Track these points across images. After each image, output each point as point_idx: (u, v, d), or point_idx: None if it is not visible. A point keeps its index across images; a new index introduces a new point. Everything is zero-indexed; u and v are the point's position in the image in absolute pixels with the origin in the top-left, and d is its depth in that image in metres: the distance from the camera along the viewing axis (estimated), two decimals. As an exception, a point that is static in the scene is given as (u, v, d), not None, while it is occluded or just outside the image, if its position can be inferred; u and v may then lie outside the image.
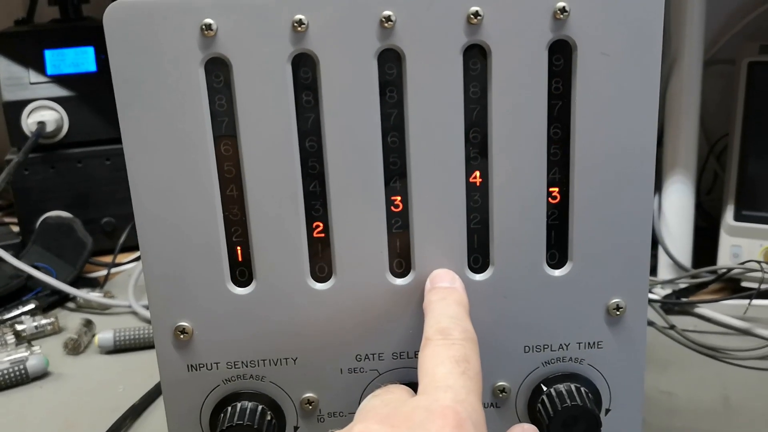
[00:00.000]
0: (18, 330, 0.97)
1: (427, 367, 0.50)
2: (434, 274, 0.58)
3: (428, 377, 0.49)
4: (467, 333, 0.52)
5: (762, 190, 1.03)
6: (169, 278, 0.58)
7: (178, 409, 0.61)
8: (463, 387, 0.47)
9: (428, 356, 0.50)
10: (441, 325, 0.52)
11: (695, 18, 0.98)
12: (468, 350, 0.50)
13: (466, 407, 0.46)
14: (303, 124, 0.56)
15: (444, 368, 0.49)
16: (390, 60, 0.55)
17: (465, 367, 0.49)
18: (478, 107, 0.56)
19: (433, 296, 0.56)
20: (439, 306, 0.55)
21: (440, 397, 0.46)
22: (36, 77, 1.21)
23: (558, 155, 0.57)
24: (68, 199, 1.23)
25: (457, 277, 0.58)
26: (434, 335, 0.52)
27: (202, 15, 0.53)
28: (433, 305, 0.55)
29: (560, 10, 0.53)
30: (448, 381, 0.48)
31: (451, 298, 0.56)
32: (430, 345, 0.51)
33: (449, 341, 0.51)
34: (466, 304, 0.56)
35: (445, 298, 0.56)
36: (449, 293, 0.56)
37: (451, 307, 0.55)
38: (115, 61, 0.54)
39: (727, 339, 0.92)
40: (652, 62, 0.55)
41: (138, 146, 0.55)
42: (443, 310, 0.54)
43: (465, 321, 0.53)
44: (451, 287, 0.57)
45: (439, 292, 0.57)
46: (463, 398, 0.46)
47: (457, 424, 0.44)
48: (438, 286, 0.57)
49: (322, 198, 0.57)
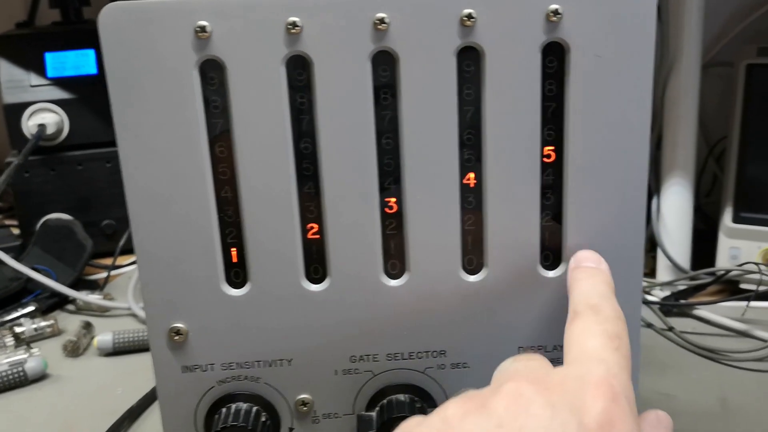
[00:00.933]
0: (17, 332, 0.97)
1: (576, 340, 0.49)
2: (580, 254, 0.58)
3: (577, 349, 0.48)
4: (618, 312, 0.51)
5: (760, 192, 1.03)
6: (164, 279, 0.58)
7: (173, 411, 0.61)
8: (616, 363, 0.46)
9: (578, 330, 0.50)
10: (592, 301, 0.52)
11: (693, 21, 0.98)
12: (620, 328, 0.49)
13: (620, 381, 0.45)
14: (297, 126, 0.56)
15: (596, 342, 0.48)
16: (384, 62, 0.55)
17: (618, 343, 0.48)
18: (472, 109, 0.56)
19: (580, 274, 0.56)
20: (587, 283, 0.55)
21: (594, 369, 0.45)
22: (37, 80, 1.21)
23: (551, 157, 0.58)
24: (69, 202, 1.23)
25: (602, 259, 0.57)
26: (585, 310, 0.51)
27: (197, 17, 0.53)
28: (580, 282, 0.55)
29: (553, 12, 0.53)
30: (602, 354, 0.47)
31: (599, 278, 0.55)
32: (580, 318, 0.51)
33: (601, 317, 0.50)
34: (613, 287, 0.55)
35: (593, 276, 0.55)
36: (597, 273, 0.56)
37: (600, 285, 0.54)
38: (110, 64, 0.54)
39: (726, 341, 0.92)
40: (645, 64, 0.55)
41: (133, 148, 0.55)
42: (593, 287, 0.54)
43: (614, 301, 0.52)
44: (597, 268, 0.57)
45: (586, 270, 0.56)
46: (616, 372, 0.45)
47: (613, 397, 0.43)
48: (584, 265, 0.57)
49: (317, 199, 0.58)
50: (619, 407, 0.43)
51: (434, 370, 0.61)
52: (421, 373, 0.61)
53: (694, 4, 0.98)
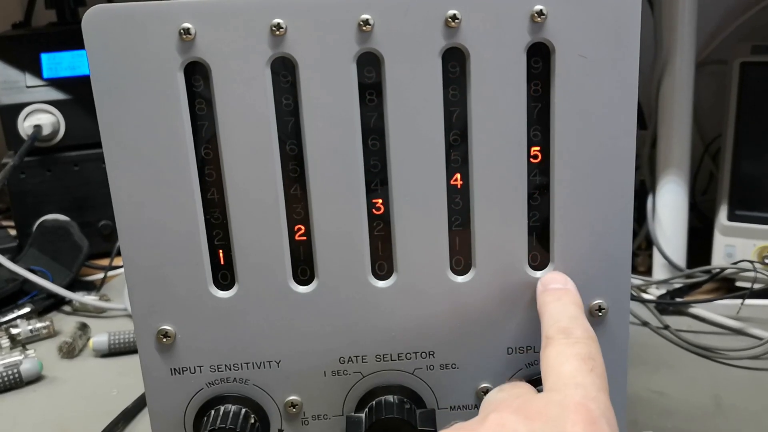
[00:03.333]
0: (13, 333, 0.97)
1: (552, 366, 0.50)
2: (546, 278, 0.59)
3: (554, 375, 0.49)
4: (588, 332, 0.52)
5: (755, 190, 1.03)
6: (152, 282, 0.58)
7: (162, 413, 0.61)
8: (593, 384, 0.48)
9: (552, 355, 0.51)
10: (561, 324, 0.53)
11: (687, 18, 0.98)
12: (592, 348, 0.51)
13: (598, 404, 0.46)
14: (283, 127, 0.56)
15: (570, 366, 0.49)
16: (369, 63, 0.55)
17: (592, 364, 0.49)
18: (458, 110, 0.56)
19: (548, 297, 0.57)
20: (556, 306, 0.55)
21: (571, 393, 0.47)
22: (32, 80, 1.21)
23: (538, 157, 0.57)
24: (65, 203, 1.23)
25: (569, 279, 0.58)
26: (556, 334, 0.52)
27: (180, 19, 0.53)
28: (549, 306, 0.56)
29: (537, 13, 0.53)
30: (577, 379, 0.48)
31: (567, 299, 0.56)
32: (553, 344, 0.52)
33: (572, 340, 0.51)
34: (581, 305, 0.56)
35: (560, 299, 0.56)
36: (564, 294, 0.57)
37: (568, 307, 0.55)
38: (94, 66, 0.54)
39: (721, 339, 0.92)
40: (630, 64, 0.55)
41: (118, 150, 0.55)
42: (561, 310, 0.55)
43: (584, 321, 0.54)
44: (564, 288, 0.57)
45: (553, 293, 0.57)
46: (594, 395, 0.47)
47: (591, 420, 0.45)
48: (551, 287, 0.58)
49: (304, 201, 0.57)
50: (599, 430, 0.45)
51: (423, 371, 0.61)
52: (410, 374, 0.61)
53: (687, 2, 0.98)
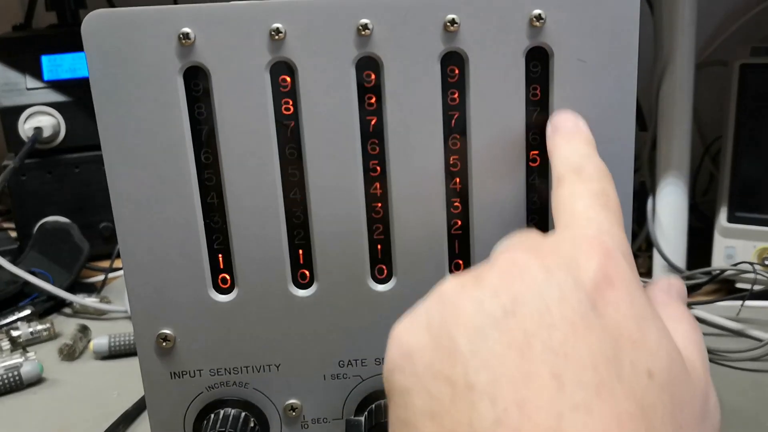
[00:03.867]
0: (13, 336, 0.97)
1: (564, 204, 0.48)
2: (555, 119, 0.56)
3: (567, 213, 0.48)
4: (602, 169, 0.50)
5: (755, 191, 1.03)
6: (151, 286, 0.58)
7: (162, 417, 0.61)
8: (606, 219, 0.46)
9: (564, 194, 0.49)
10: (573, 163, 0.51)
11: (687, 20, 0.98)
12: (605, 184, 0.49)
13: (612, 237, 0.44)
14: (282, 132, 0.56)
15: (583, 202, 0.47)
16: (368, 67, 0.55)
17: (605, 200, 0.47)
18: (457, 114, 0.56)
19: (558, 138, 0.55)
20: (567, 146, 0.53)
21: (585, 229, 0.45)
22: (33, 83, 1.21)
23: (537, 161, 0.58)
24: (66, 205, 1.23)
25: (580, 118, 0.56)
26: (567, 172, 0.50)
27: (180, 24, 0.53)
28: (559, 146, 0.54)
29: (536, 17, 0.53)
30: (591, 213, 0.46)
31: (578, 138, 0.54)
32: (563, 183, 0.50)
33: (585, 176, 0.49)
34: (594, 144, 0.53)
35: (572, 139, 0.54)
36: (575, 134, 0.54)
37: (579, 145, 0.53)
38: (93, 70, 0.54)
39: (722, 340, 0.91)
40: (628, 68, 0.55)
41: (118, 155, 0.55)
42: (573, 149, 0.53)
43: (597, 158, 0.51)
44: (575, 129, 0.55)
45: (563, 134, 0.55)
46: (606, 229, 0.45)
47: (606, 252, 0.42)
48: (561, 128, 0.55)
49: (303, 205, 0.57)
50: (615, 262, 0.42)
51: (423, 375, 0.61)
52: (409, 378, 0.61)
53: (687, 4, 0.98)
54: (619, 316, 0.40)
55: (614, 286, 0.41)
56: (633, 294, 0.41)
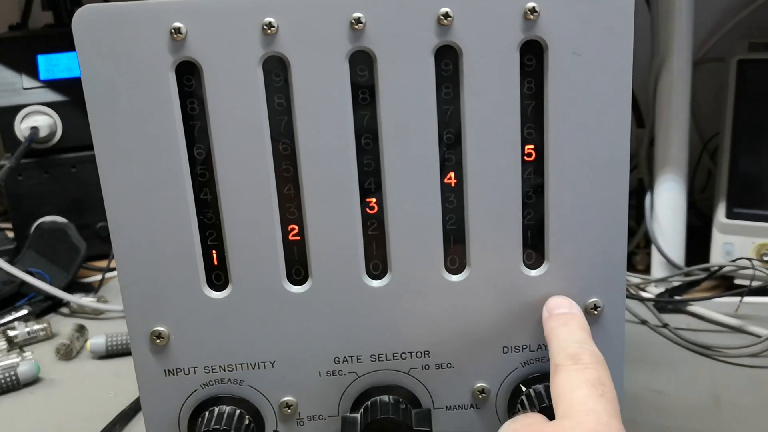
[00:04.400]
0: (10, 336, 0.97)
1: (563, 392, 0.50)
2: (551, 302, 0.58)
3: (566, 402, 0.49)
4: (597, 356, 0.52)
5: (753, 187, 1.02)
6: (145, 283, 0.58)
7: (156, 414, 0.61)
8: (604, 410, 0.48)
9: (562, 381, 0.51)
10: (569, 350, 0.53)
11: (683, 16, 0.98)
12: (601, 373, 0.51)
13: (610, 429, 0.46)
14: (276, 127, 0.56)
15: (581, 392, 0.49)
16: (362, 62, 0.55)
17: (602, 390, 0.49)
18: (452, 108, 0.56)
19: (554, 323, 0.57)
20: (562, 332, 0.55)
21: (583, 420, 0.47)
22: (29, 82, 1.21)
23: (532, 155, 0.57)
24: (63, 204, 1.22)
25: (574, 302, 0.58)
26: (564, 361, 0.52)
27: (171, 19, 0.53)
28: (555, 332, 0.56)
29: (530, 10, 0.53)
30: (588, 405, 0.48)
31: (573, 323, 0.56)
32: (562, 371, 0.52)
33: (581, 365, 0.51)
34: (588, 329, 0.56)
35: (566, 324, 0.56)
36: (570, 319, 0.57)
37: (575, 332, 0.55)
38: (84, 66, 0.54)
39: (720, 337, 0.91)
40: (623, 61, 0.54)
41: (110, 151, 0.55)
42: (568, 335, 0.55)
43: (591, 345, 0.54)
44: (570, 313, 0.57)
45: (559, 318, 0.57)
46: (605, 421, 0.47)
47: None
48: (556, 312, 0.58)
49: (297, 200, 0.57)
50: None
51: (418, 371, 0.61)
52: (405, 374, 0.61)
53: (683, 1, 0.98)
54: None
55: None
56: None
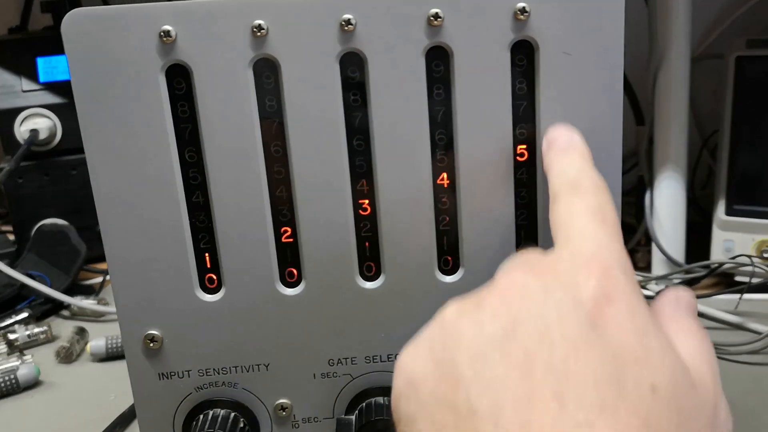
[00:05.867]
0: (10, 339, 0.97)
1: (561, 221, 0.48)
2: (550, 134, 0.56)
3: (564, 230, 0.47)
4: (597, 182, 0.50)
5: (753, 184, 1.02)
6: (137, 286, 0.58)
7: (151, 418, 0.61)
8: (604, 234, 0.45)
9: (560, 210, 0.49)
10: (568, 177, 0.50)
11: (681, 12, 0.97)
12: (601, 198, 0.48)
13: (611, 253, 0.44)
14: (267, 129, 0.56)
15: (581, 219, 0.47)
16: (353, 63, 0.55)
17: (602, 215, 0.47)
18: (443, 109, 0.56)
19: (553, 154, 0.54)
20: (562, 161, 0.53)
21: (582, 247, 0.44)
22: (28, 85, 1.21)
23: (525, 155, 0.57)
24: (63, 207, 1.22)
25: (575, 132, 0.55)
26: (563, 188, 0.50)
27: (161, 22, 0.53)
28: (554, 162, 0.53)
29: (520, 10, 0.53)
30: (588, 230, 0.46)
31: (574, 152, 0.53)
32: (559, 199, 0.49)
33: (581, 192, 0.49)
34: (589, 157, 0.53)
35: (566, 153, 0.53)
36: (570, 148, 0.54)
37: (575, 160, 0.52)
38: (74, 70, 0.53)
39: (721, 334, 0.91)
40: (614, 60, 0.54)
41: (101, 155, 0.55)
42: (568, 163, 0.52)
43: (592, 171, 0.51)
44: (570, 143, 0.54)
45: (558, 148, 0.54)
46: (606, 245, 0.44)
47: (605, 270, 0.42)
48: (556, 144, 0.55)
49: (289, 203, 0.57)
50: (614, 279, 0.42)
51: (413, 372, 0.60)
52: (400, 376, 0.60)
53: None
54: (619, 332, 0.40)
55: (614, 303, 0.41)
56: (633, 310, 0.41)
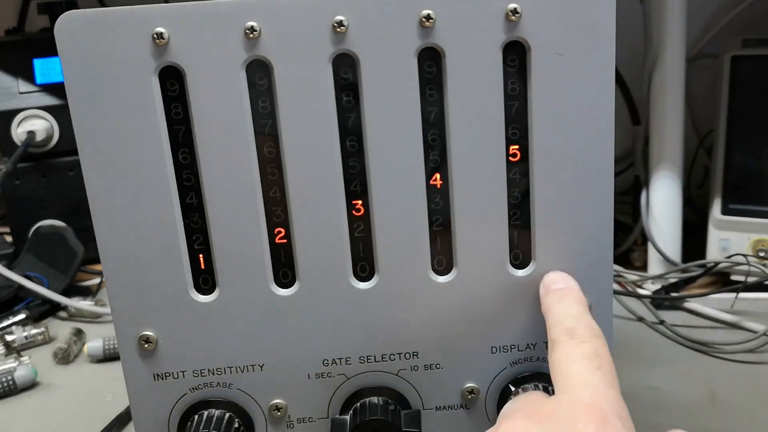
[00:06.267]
0: (8, 340, 0.97)
1: (560, 368, 0.50)
2: (547, 278, 0.58)
3: (563, 377, 0.49)
4: (593, 329, 0.52)
5: (748, 183, 1.02)
6: (132, 287, 0.58)
7: (146, 419, 0.61)
8: (602, 382, 0.48)
9: (559, 357, 0.51)
10: (565, 325, 0.53)
11: (676, 12, 0.97)
12: (597, 345, 0.51)
13: (608, 402, 0.46)
14: (260, 130, 0.56)
15: (578, 367, 0.49)
16: (346, 64, 0.55)
17: (598, 362, 0.49)
18: (436, 110, 0.56)
19: (550, 299, 0.57)
20: (559, 307, 0.55)
21: (581, 394, 0.47)
22: (25, 86, 1.21)
23: (517, 156, 0.57)
24: (61, 208, 1.22)
25: (570, 277, 0.58)
26: (561, 336, 0.52)
27: (154, 24, 0.53)
28: (552, 307, 0.56)
29: (512, 11, 0.53)
30: (585, 378, 0.48)
31: (570, 298, 0.56)
32: (558, 346, 0.52)
33: (577, 340, 0.51)
34: (585, 303, 0.56)
35: (563, 299, 0.56)
36: (566, 294, 0.57)
37: (571, 306, 0.55)
38: (68, 72, 0.54)
39: (716, 333, 0.91)
40: (606, 60, 0.54)
41: (95, 157, 0.55)
42: (565, 310, 0.55)
43: (588, 318, 0.53)
44: (566, 288, 0.57)
45: (555, 294, 0.57)
46: (603, 393, 0.47)
47: (602, 419, 0.44)
48: (553, 288, 0.57)
49: (283, 204, 0.57)
50: (611, 427, 0.44)
51: (407, 372, 0.61)
52: (394, 375, 0.61)
53: (676, -2, 0.98)
54: None
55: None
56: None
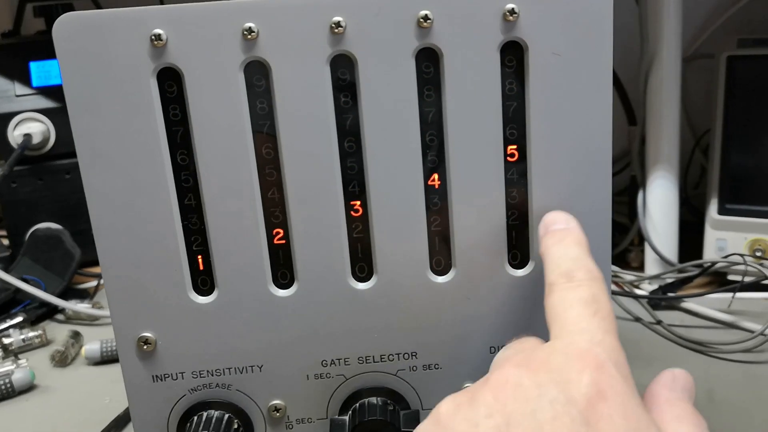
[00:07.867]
0: (5, 343, 0.97)
1: (556, 313, 0.48)
2: (547, 218, 0.57)
3: (559, 322, 0.48)
4: (592, 272, 0.50)
5: (745, 183, 1.02)
6: (130, 289, 0.58)
7: (145, 420, 0.61)
8: (598, 328, 0.46)
9: (555, 302, 0.49)
10: (563, 267, 0.51)
11: (672, 12, 0.98)
12: (595, 289, 0.49)
13: (604, 348, 0.44)
14: (259, 131, 0.56)
15: (574, 311, 0.47)
16: (344, 65, 0.55)
17: (596, 307, 0.47)
18: (433, 110, 0.56)
19: (549, 240, 0.55)
20: (557, 249, 0.53)
21: (576, 340, 0.45)
22: (22, 89, 1.21)
23: (515, 156, 0.57)
24: (58, 211, 1.22)
25: (571, 216, 0.56)
26: (558, 279, 0.50)
27: (152, 25, 0.53)
28: (550, 249, 0.54)
29: (509, 11, 0.53)
30: (581, 324, 0.46)
31: (569, 239, 0.54)
32: (555, 290, 0.50)
33: (575, 283, 0.49)
34: (585, 244, 0.53)
35: (562, 240, 0.54)
36: (566, 234, 0.54)
37: (570, 248, 0.53)
38: (66, 73, 0.54)
39: (713, 333, 0.91)
40: (603, 60, 0.55)
41: (93, 158, 0.56)
42: (563, 252, 0.53)
43: (587, 260, 0.51)
44: (566, 228, 0.55)
45: (555, 234, 0.55)
46: (599, 339, 0.45)
47: (597, 365, 0.43)
48: (553, 229, 0.56)
49: (281, 204, 0.57)
50: (607, 375, 0.42)
51: (406, 372, 0.61)
52: (393, 376, 0.61)
53: (672, -3, 0.98)
54: (612, 429, 0.40)
55: (607, 400, 0.41)
56: (626, 406, 0.42)
